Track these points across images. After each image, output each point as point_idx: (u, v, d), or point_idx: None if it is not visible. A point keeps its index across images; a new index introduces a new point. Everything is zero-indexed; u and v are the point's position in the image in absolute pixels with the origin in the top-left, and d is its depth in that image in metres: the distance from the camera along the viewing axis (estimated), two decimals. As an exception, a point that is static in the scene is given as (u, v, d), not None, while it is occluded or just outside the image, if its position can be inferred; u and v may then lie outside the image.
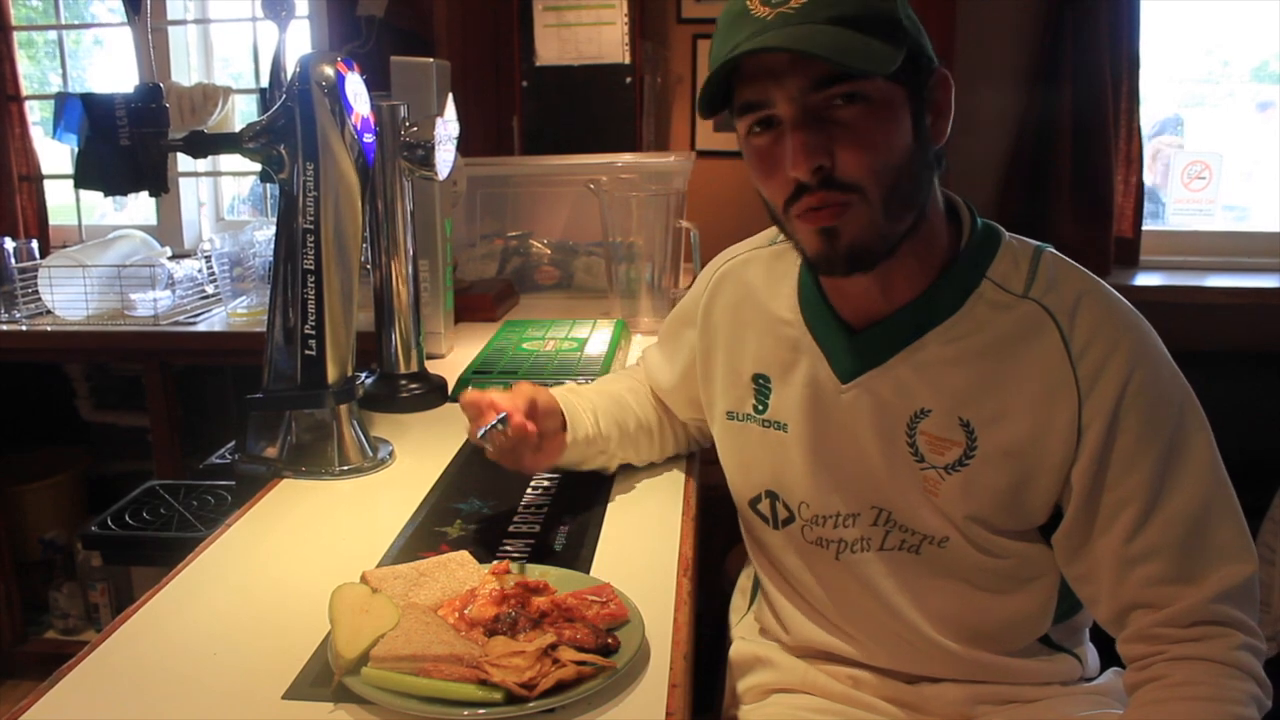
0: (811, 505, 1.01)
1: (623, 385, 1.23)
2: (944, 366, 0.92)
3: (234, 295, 2.34)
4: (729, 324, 1.08)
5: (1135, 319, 0.92)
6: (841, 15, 0.82)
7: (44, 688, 0.78)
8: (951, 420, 0.92)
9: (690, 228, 1.89)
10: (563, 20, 2.39)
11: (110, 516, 1.62)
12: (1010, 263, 0.93)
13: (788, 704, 1.06)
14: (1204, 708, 0.82)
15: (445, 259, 1.71)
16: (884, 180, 0.86)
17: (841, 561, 1.01)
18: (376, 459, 1.24)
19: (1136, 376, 0.88)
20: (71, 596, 2.50)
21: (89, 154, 1.13)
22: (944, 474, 0.93)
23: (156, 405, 2.26)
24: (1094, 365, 0.88)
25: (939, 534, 0.96)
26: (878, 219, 0.87)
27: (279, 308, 1.19)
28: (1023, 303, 0.91)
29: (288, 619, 0.88)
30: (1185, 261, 2.59)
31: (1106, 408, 0.87)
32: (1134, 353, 0.89)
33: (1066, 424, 0.88)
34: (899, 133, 0.86)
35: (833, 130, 0.85)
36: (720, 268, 1.12)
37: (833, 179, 0.85)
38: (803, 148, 0.84)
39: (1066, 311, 0.90)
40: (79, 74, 3.02)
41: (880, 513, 0.98)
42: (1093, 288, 0.92)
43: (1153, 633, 0.87)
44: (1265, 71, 2.66)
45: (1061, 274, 0.93)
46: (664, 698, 0.76)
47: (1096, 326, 0.89)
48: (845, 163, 0.85)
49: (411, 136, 1.41)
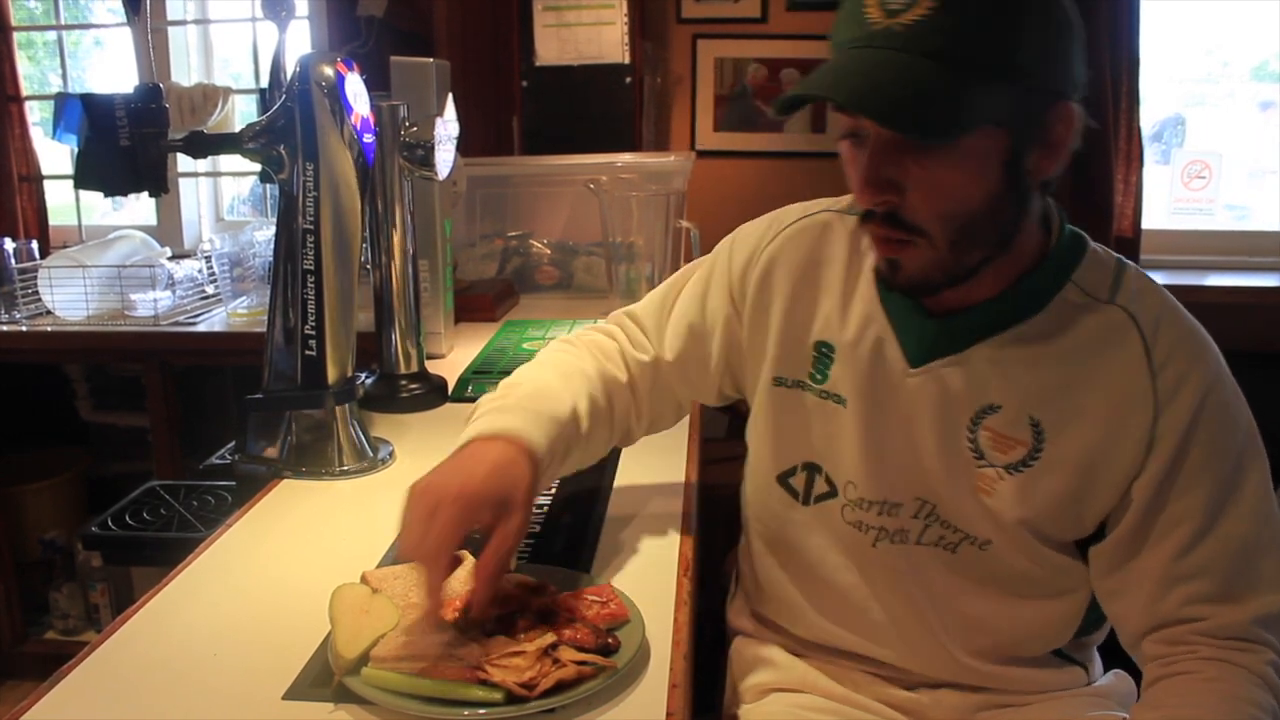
0: (859, 486, 0.97)
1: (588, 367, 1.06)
2: (1020, 364, 0.90)
3: (234, 295, 2.34)
4: (795, 281, 1.01)
5: (1210, 340, 0.91)
6: (949, 50, 0.78)
7: (44, 688, 0.78)
8: (1021, 419, 0.90)
9: (690, 228, 1.89)
10: (562, 20, 2.39)
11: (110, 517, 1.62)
12: (1095, 269, 0.92)
13: (787, 703, 1.06)
14: (1223, 705, 0.82)
15: (445, 259, 1.71)
16: (954, 224, 0.83)
17: (877, 549, 0.98)
18: (376, 459, 1.24)
19: (1212, 396, 0.87)
20: (71, 597, 2.50)
21: (89, 154, 1.13)
22: (1003, 473, 0.91)
23: (156, 405, 2.25)
24: (1173, 379, 0.86)
25: (982, 536, 0.94)
26: (943, 259, 0.85)
27: (279, 308, 1.19)
28: (1108, 308, 0.90)
29: (288, 619, 0.88)
30: (1185, 261, 2.59)
31: (1181, 424, 0.86)
32: (1211, 372, 0.88)
33: (1138, 435, 0.87)
34: (981, 180, 0.82)
35: (909, 166, 0.81)
36: (794, 221, 1.04)
37: (899, 217, 0.83)
38: (871, 179, 0.82)
39: (1150, 322, 0.88)
40: (79, 74, 3.01)
41: (924, 505, 0.95)
42: (1174, 304, 0.92)
43: (1187, 638, 0.86)
44: (1265, 71, 2.65)
45: (1145, 285, 0.92)
46: (664, 698, 0.76)
47: (1178, 340, 0.88)
48: (913, 205, 0.82)
49: (411, 136, 1.41)
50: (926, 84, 0.78)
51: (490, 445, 0.88)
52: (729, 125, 2.68)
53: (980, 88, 0.79)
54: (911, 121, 0.78)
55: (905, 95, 0.78)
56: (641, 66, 2.44)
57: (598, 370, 1.06)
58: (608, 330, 1.13)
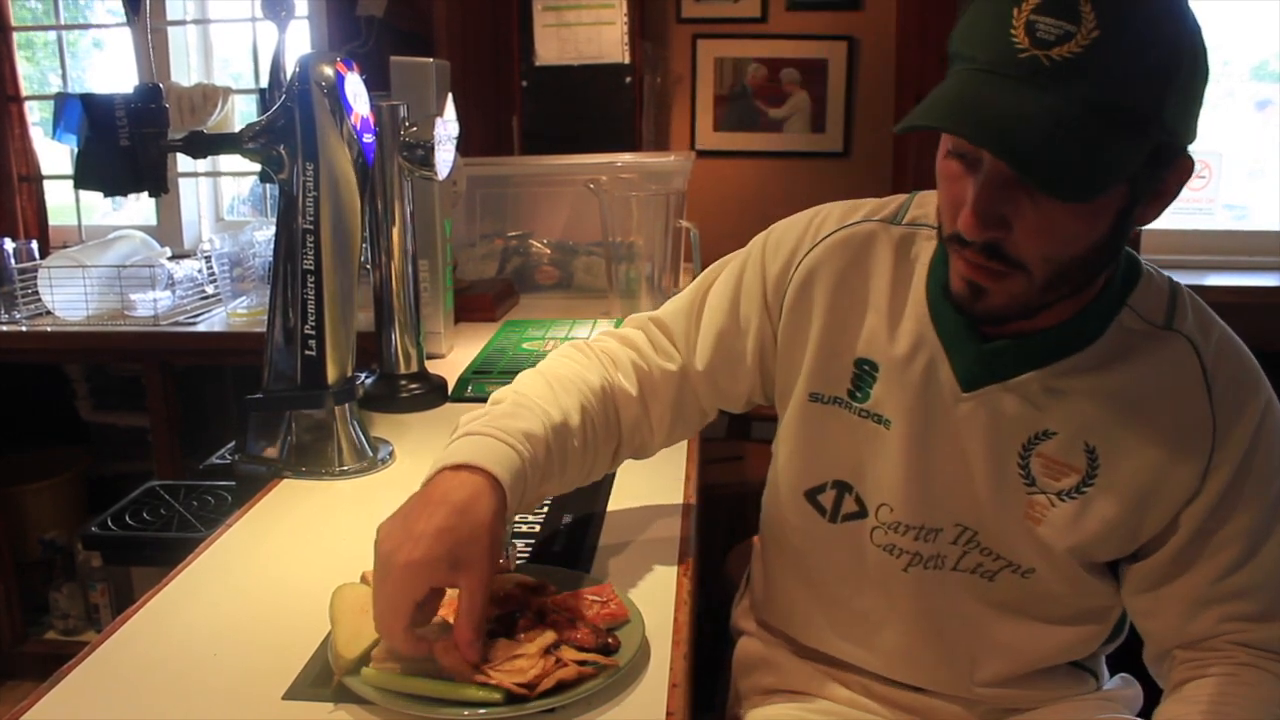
0: (895, 510, 0.95)
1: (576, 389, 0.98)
2: (1078, 391, 0.88)
3: (234, 295, 2.34)
4: (836, 294, 0.96)
5: (1259, 367, 0.90)
6: (1099, 96, 0.73)
7: (44, 688, 0.78)
8: (1076, 445, 0.88)
9: (690, 227, 1.89)
10: (562, 20, 2.39)
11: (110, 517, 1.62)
12: (1150, 293, 0.89)
13: (791, 707, 1.05)
14: (1259, 707, 0.83)
15: (445, 259, 1.71)
16: (1055, 266, 0.80)
17: (910, 575, 0.96)
18: (376, 459, 1.24)
19: (1265, 423, 0.86)
20: (71, 597, 2.50)
21: (89, 154, 1.13)
22: (1055, 500, 0.89)
23: (156, 405, 2.26)
24: (1232, 408, 0.85)
25: (1026, 563, 0.92)
26: (1032, 295, 0.82)
27: (279, 308, 1.19)
28: (1166, 334, 0.88)
29: (288, 619, 0.88)
30: (1185, 260, 2.59)
31: (1237, 454, 0.85)
32: (1265, 399, 0.87)
33: (1196, 465, 0.85)
34: (1095, 227, 0.79)
35: (1021, 202, 0.77)
36: (834, 232, 0.98)
37: (1001, 250, 0.79)
38: (982, 214, 0.77)
39: (1210, 350, 0.87)
40: (79, 75, 3.01)
41: (964, 532, 0.93)
42: (1226, 328, 0.90)
43: (1219, 646, 0.87)
44: (1265, 70, 2.65)
45: (1200, 310, 0.90)
46: (664, 698, 0.76)
47: (1237, 368, 0.87)
48: (1020, 243, 0.79)
49: (411, 136, 1.41)
50: (1072, 139, 0.73)
51: (454, 478, 0.81)
52: (729, 125, 2.68)
53: (1125, 144, 0.74)
54: (1051, 178, 0.73)
55: (1046, 146, 0.72)
56: (641, 66, 2.44)
57: (601, 380, 0.99)
58: (626, 336, 1.07)
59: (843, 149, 2.64)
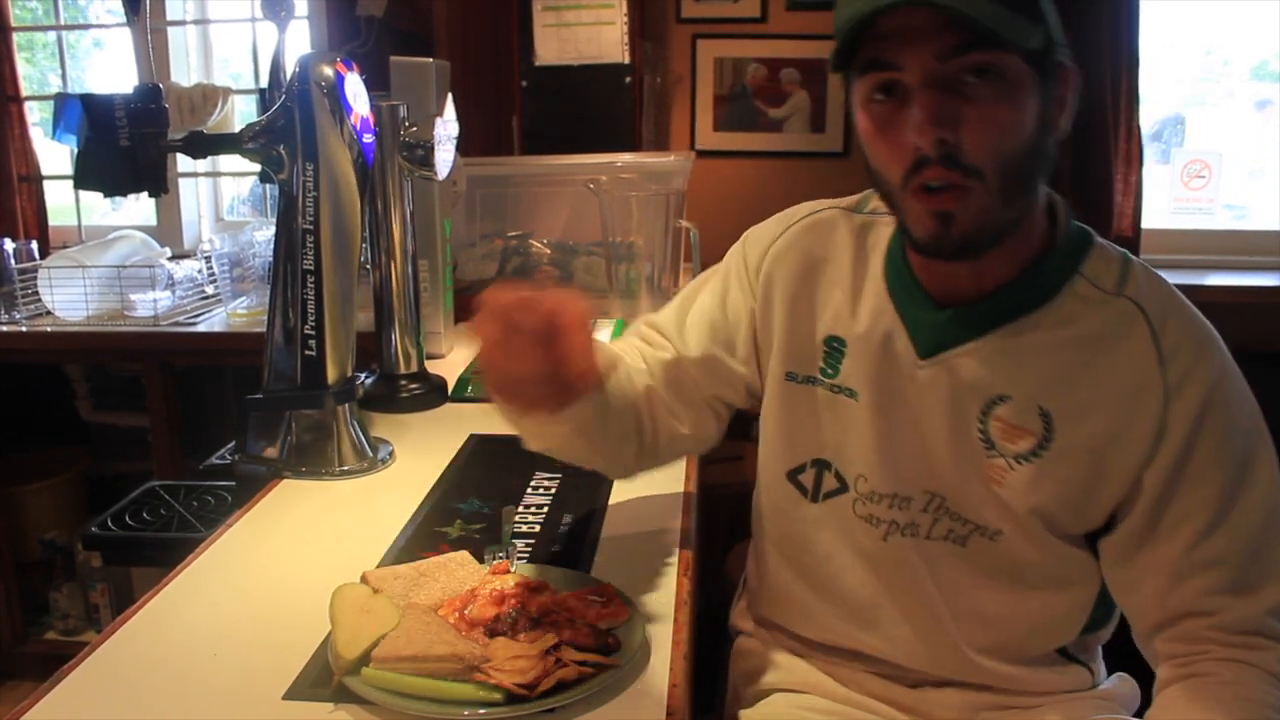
0: (870, 479, 0.98)
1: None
2: (1030, 354, 0.91)
3: (234, 295, 2.34)
4: (799, 276, 1.02)
5: (1215, 332, 0.92)
6: None
7: (44, 688, 0.78)
8: (1030, 409, 0.91)
9: (690, 227, 1.89)
10: (562, 20, 2.38)
11: (110, 517, 1.62)
12: (1102, 262, 0.93)
13: (789, 704, 1.06)
14: (1244, 706, 0.83)
15: (445, 259, 1.71)
16: (1006, 166, 0.83)
17: (889, 543, 0.99)
18: (376, 459, 1.24)
19: (1221, 386, 0.88)
20: (71, 597, 2.50)
21: (88, 154, 1.13)
22: (1013, 463, 0.92)
23: (156, 405, 2.26)
24: (1183, 369, 0.88)
25: (993, 526, 0.95)
26: (995, 206, 0.85)
27: (279, 308, 1.19)
28: (1116, 299, 0.91)
29: (288, 619, 0.88)
30: (1185, 260, 2.59)
31: (1190, 413, 0.87)
32: (1219, 362, 0.89)
33: (1149, 425, 0.87)
34: (1027, 117, 0.84)
35: (961, 106, 0.82)
36: (803, 217, 1.05)
37: (955, 159, 0.82)
38: (931, 116, 0.81)
39: (1159, 314, 0.90)
40: (78, 75, 3.01)
41: (933, 499, 0.96)
42: (1180, 296, 0.93)
43: (1201, 634, 0.87)
44: (1265, 70, 2.66)
45: (1152, 279, 0.93)
46: (664, 698, 0.76)
47: (1186, 331, 0.90)
48: (971, 143, 0.82)
49: (411, 136, 1.41)
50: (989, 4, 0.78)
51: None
52: (729, 125, 2.68)
53: (1025, 20, 0.81)
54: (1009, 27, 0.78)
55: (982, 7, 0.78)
56: (641, 66, 2.44)
57: (628, 364, 1.05)
58: (626, 342, 1.12)
59: (843, 149, 2.63)
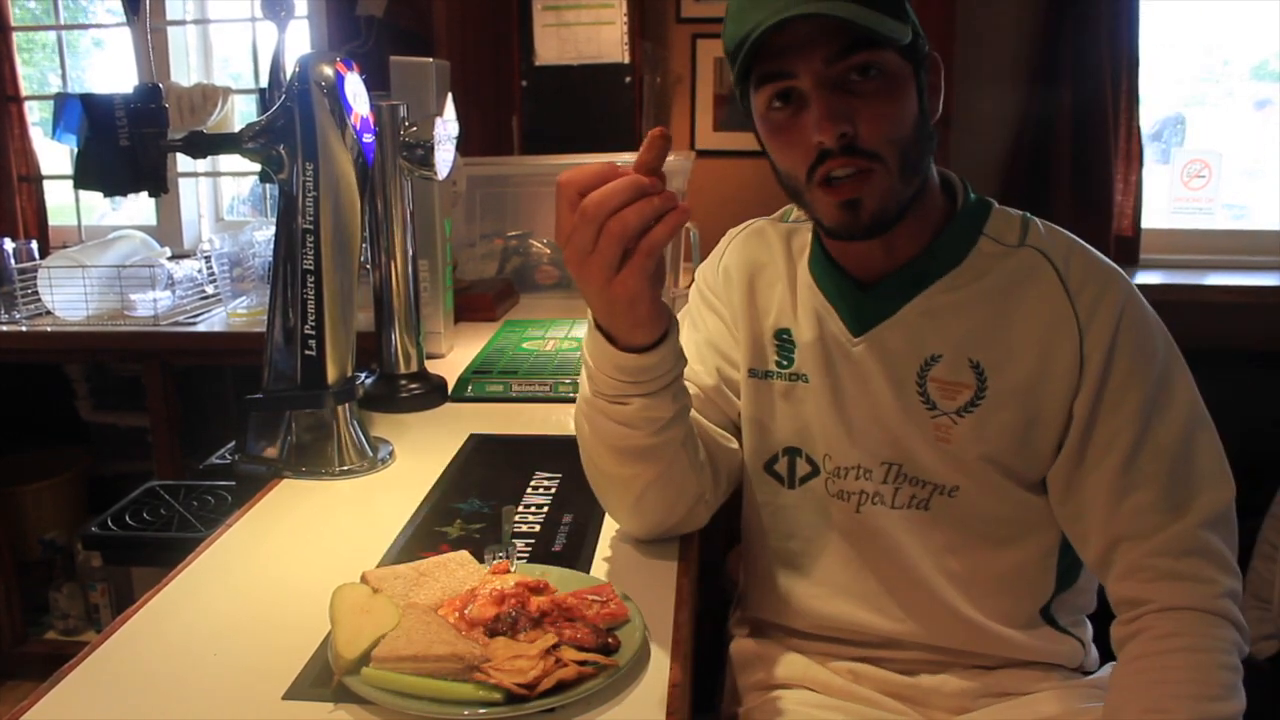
0: (834, 457, 1.04)
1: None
2: (950, 313, 0.98)
3: (234, 295, 2.34)
4: (749, 279, 1.10)
5: (1117, 267, 0.99)
6: None
7: (44, 688, 0.78)
8: (961, 363, 0.97)
9: (690, 228, 1.89)
10: (562, 20, 2.39)
11: (110, 517, 1.62)
12: (1003, 221, 1.02)
13: (788, 699, 1.06)
14: (1190, 658, 0.87)
15: (445, 259, 1.71)
16: (900, 148, 0.92)
17: (862, 514, 1.03)
18: (376, 459, 1.24)
19: (1128, 311, 0.95)
20: (71, 597, 2.50)
21: (88, 154, 1.13)
22: (955, 418, 0.98)
23: (156, 405, 2.26)
24: (1090, 300, 0.95)
25: (949, 483, 1.00)
26: (895, 185, 0.92)
27: (279, 308, 1.19)
28: (1020, 250, 0.99)
29: (288, 619, 0.88)
30: (1185, 260, 2.59)
31: (1104, 339, 0.94)
32: (1124, 290, 0.96)
33: (1070, 357, 0.94)
34: (909, 105, 0.93)
35: (853, 101, 0.90)
36: (739, 234, 1.15)
37: (855, 147, 0.90)
38: (828, 113, 0.89)
39: (1061, 255, 0.98)
40: (78, 75, 3.01)
41: (891, 468, 1.01)
42: (1078, 239, 1.01)
43: (1144, 563, 0.91)
44: (1265, 70, 2.66)
45: (1051, 229, 1.02)
46: (664, 698, 0.76)
47: (1088, 267, 0.97)
48: (867, 132, 0.90)
49: (411, 136, 1.41)
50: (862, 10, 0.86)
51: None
52: (729, 125, 2.68)
53: (892, 20, 0.89)
54: (884, 27, 0.86)
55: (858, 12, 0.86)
56: (641, 66, 2.44)
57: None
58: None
59: (842, 149, 2.64)
